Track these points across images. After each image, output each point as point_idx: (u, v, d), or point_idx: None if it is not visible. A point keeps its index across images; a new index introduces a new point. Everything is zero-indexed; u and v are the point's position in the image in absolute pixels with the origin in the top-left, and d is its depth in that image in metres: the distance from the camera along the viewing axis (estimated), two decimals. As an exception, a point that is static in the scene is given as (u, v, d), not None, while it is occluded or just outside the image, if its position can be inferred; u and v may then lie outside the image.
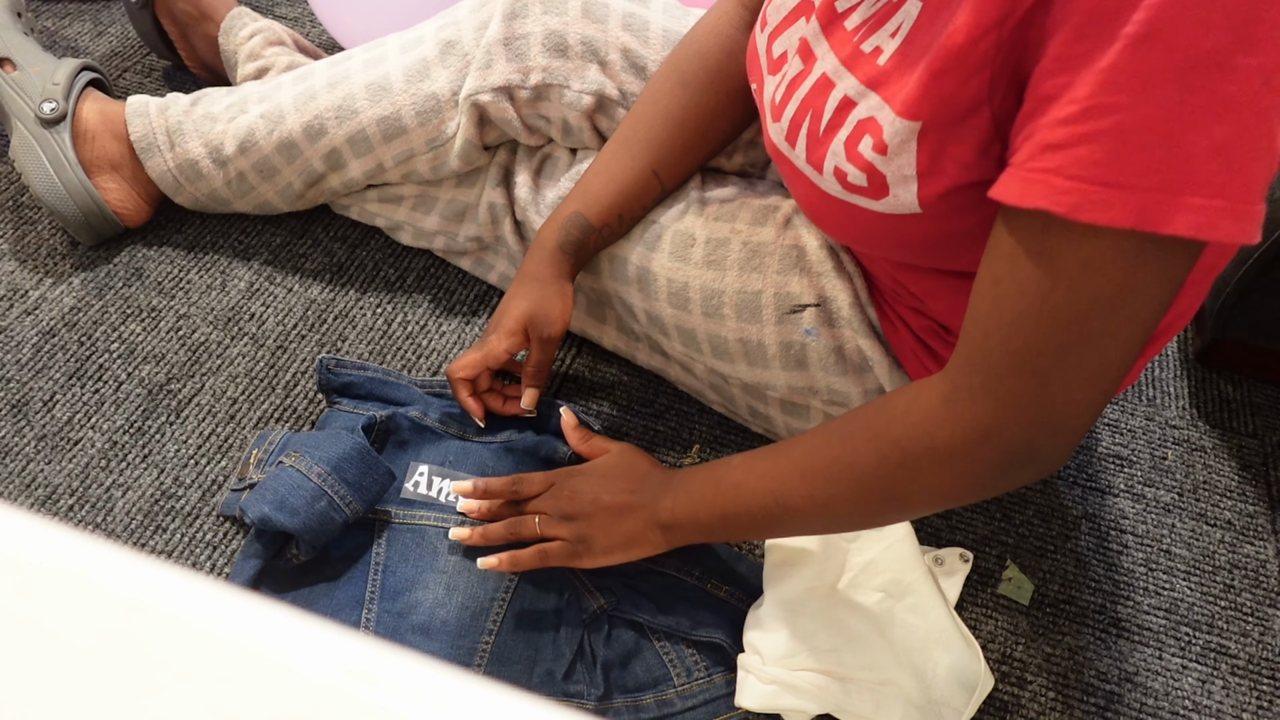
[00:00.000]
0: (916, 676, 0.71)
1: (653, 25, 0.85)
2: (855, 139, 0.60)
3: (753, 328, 0.78)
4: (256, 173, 0.94)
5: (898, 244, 0.65)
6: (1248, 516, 0.90)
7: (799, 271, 0.76)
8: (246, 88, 0.95)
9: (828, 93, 0.62)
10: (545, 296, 0.81)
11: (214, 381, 0.89)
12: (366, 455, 0.75)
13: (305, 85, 0.91)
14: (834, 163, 0.62)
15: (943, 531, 0.86)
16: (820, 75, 0.63)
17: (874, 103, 0.59)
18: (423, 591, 0.76)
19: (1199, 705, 0.77)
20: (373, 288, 0.98)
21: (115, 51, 1.20)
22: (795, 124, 0.65)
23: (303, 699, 0.20)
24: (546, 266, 0.81)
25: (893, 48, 0.59)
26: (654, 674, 0.74)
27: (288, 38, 1.07)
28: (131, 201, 0.97)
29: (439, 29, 0.88)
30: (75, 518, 0.80)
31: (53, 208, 0.93)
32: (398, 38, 0.91)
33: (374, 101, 0.88)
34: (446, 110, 0.87)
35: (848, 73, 0.61)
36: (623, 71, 0.84)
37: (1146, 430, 0.95)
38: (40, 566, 0.22)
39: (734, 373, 0.81)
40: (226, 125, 0.93)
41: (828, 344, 0.76)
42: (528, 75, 0.84)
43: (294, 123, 0.90)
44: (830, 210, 0.66)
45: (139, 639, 0.20)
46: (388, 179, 0.94)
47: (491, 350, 0.80)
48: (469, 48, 0.86)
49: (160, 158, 0.94)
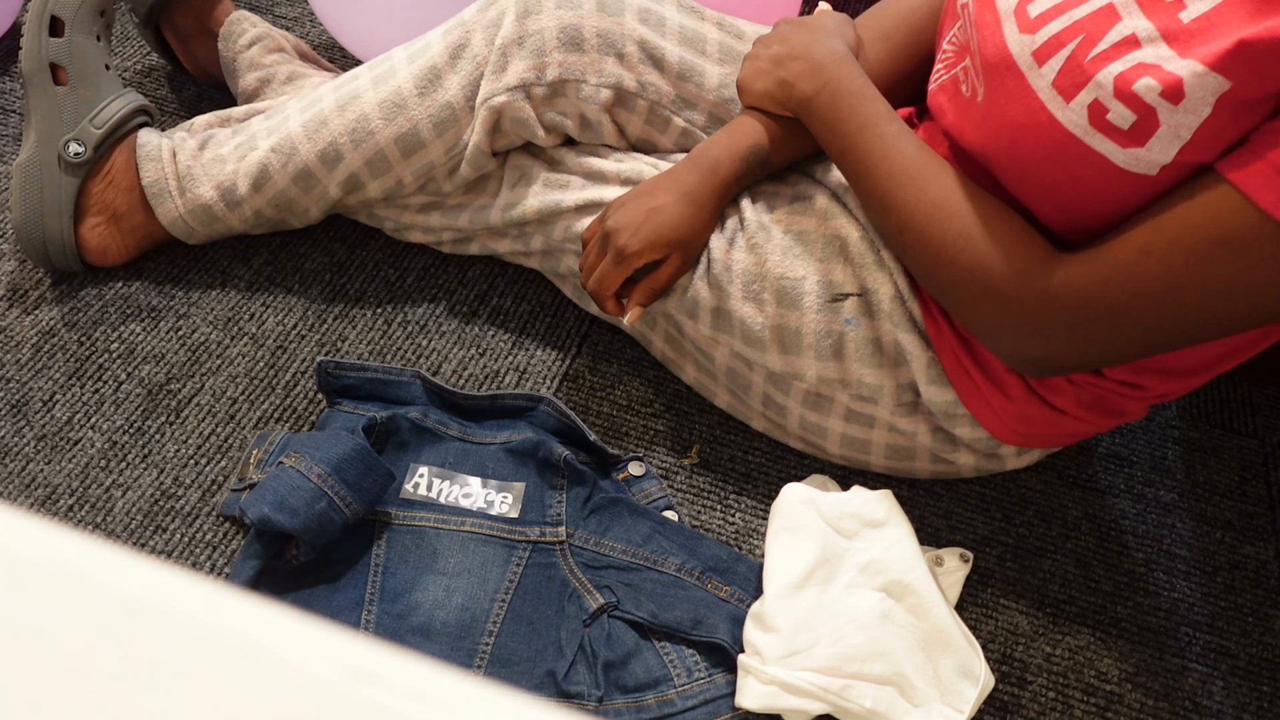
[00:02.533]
0: (916, 676, 0.71)
1: (669, 20, 0.85)
2: (1132, 77, 0.58)
3: (792, 314, 0.77)
4: (274, 207, 0.92)
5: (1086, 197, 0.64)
6: (1248, 516, 0.90)
7: (842, 260, 0.76)
8: (253, 123, 0.92)
9: (1112, 23, 0.60)
10: (701, 223, 0.79)
11: (214, 381, 0.89)
12: (367, 456, 0.75)
13: (314, 112, 0.88)
14: (1094, 94, 0.60)
15: (943, 531, 0.86)
16: (1106, 2, 0.61)
17: (1164, 53, 0.58)
18: (422, 593, 0.76)
19: (1199, 705, 0.77)
20: (373, 288, 0.98)
21: (114, 51, 1.19)
22: (1058, 42, 0.62)
23: (303, 699, 0.20)
24: (710, 195, 0.79)
25: (1202, 9, 0.58)
26: (654, 674, 0.74)
27: (288, 44, 1.06)
28: (111, 250, 0.93)
29: (445, 33, 0.86)
30: (75, 518, 0.80)
31: (23, 242, 0.89)
32: (403, 49, 0.89)
33: (389, 120, 0.86)
34: (463, 118, 0.86)
35: (1140, 13, 0.60)
36: (640, 64, 0.84)
37: (1146, 430, 0.95)
38: (40, 566, 0.22)
39: (762, 360, 0.80)
40: (237, 164, 0.90)
41: (866, 335, 0.76)
42: (543, 71, 0.83)
43: (307, 152, 0.88)
44: (1045, 143, 0.63)
45: (139, 639, 0.20)
46: (405, 193, 0.92)
47: (630, 264, 0.79)
48: (479, 49, 0.84)
49: (171, 204, 0.91)
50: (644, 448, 0.88)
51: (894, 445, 0.81)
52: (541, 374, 0.93)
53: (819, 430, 0.84)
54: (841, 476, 0.87)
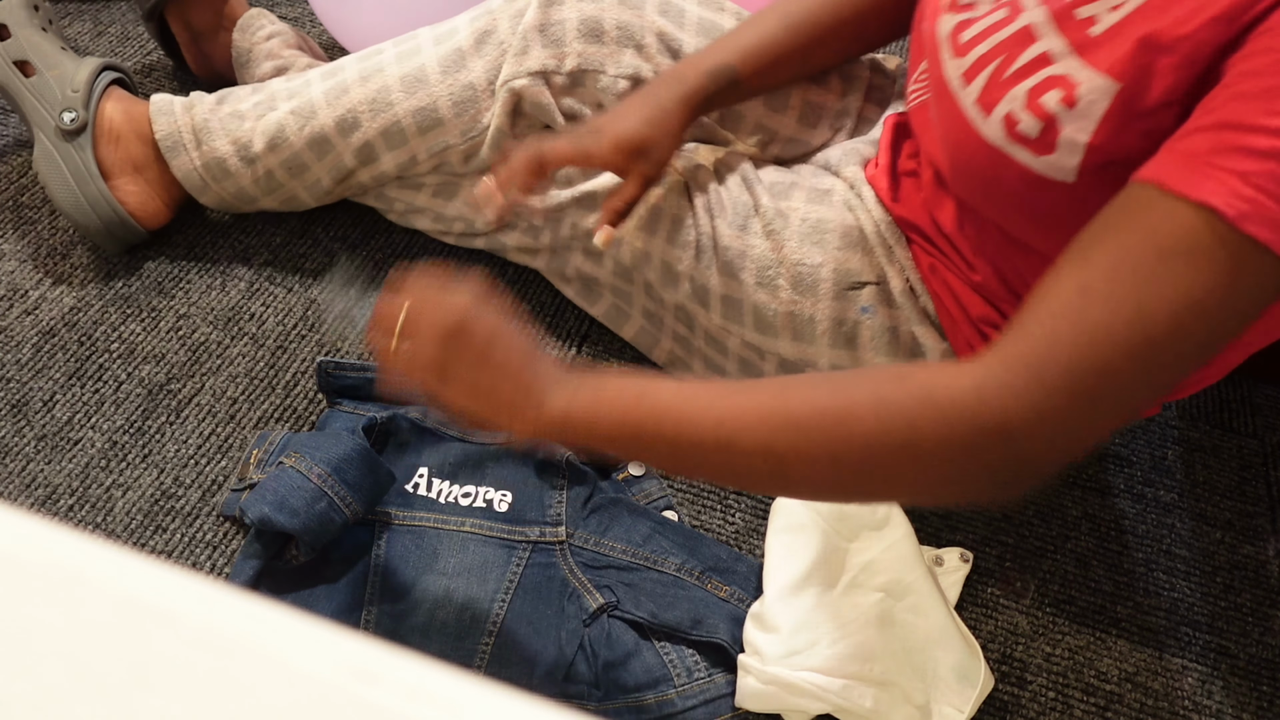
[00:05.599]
0: (916, 676, 0.71)
1: (688, 12, 0.86)
2: (1041, 90, 0.60)
3: (806, 301, 0.77)
4: (285, 170, 0.93)
5: (1024, 208, 0.64)
6: (1248, 516, 0.90)
7: (860, 250, 0.77)
8: (274, 84, 0.94)
9: (1027, 44, 0.62)
10: (665, 130, 0.77)
11: (214, 381, 0.89)
12: (367, 456, 0.75)
13: (337, 80, 0.90)
14: (1008, 108, 0.61)
15: (943, 531, 0.86)
16: (1024, 26, 0.63)
17: (1074, 64, 0.59)
18: (422, 593, 0.76)
19: (1199, 705, 0.77)
20: (373, 288, 0.98)
21: (114, 51, 1.20)
22: (981, 63, 0.64)
23: (303, 698, 0.20)
24: (676, 104, 0.77)
25: (1110, 21, 0.58)
26: (654, 674, 0.74)
27: (305, 44, 1.08)
28: (151, 205, 0.96)
29: (473, 19, 0.88)
30: (75, 518, 0.80)
31: (75, 220, 0.93)
32: (430, 30, 0.90)
33: (409, 93, 0.87)
34: (483, 100, 0.87)
35: (1056, 33, 0.61)
36: (659, 54, 0.84)
37: (1146, 430, 0.95)
38: (40, 566, 0.22)
39: (774, 348, 0.81)
40: (255, 123, 0.92)
41: (883, 323, 0.76)
42: (563, 61, 0.84)
43: (326, 117, 0.89)
44: (976, 158, 0.65)
45: (139, 639, 0.20)
46: (419, 171, 0.93)
47: (590, 154, 0.74)
48: (505, 36, 0.85)
49: (186, 156, 0.93)
50: (644, 448, 0.89)
51: None
52: (541, 374, 0.93)
53: None
54: (841, 476, 0.87)
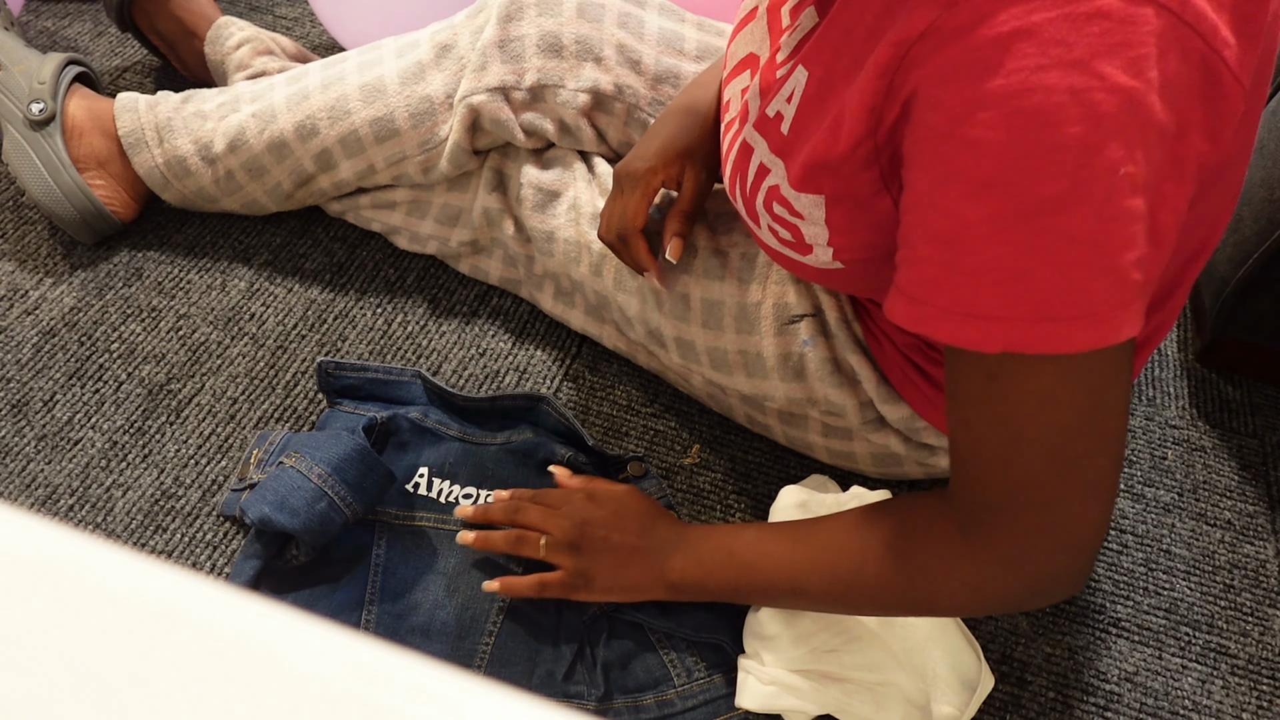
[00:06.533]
0: (916, 676, 0.71)
1: (648, 24, 0.86)
2: (770, 203, 0.62)
3: (752, 339, 0.77)
4: (245, 171, 0.93)
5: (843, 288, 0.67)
6: (1248, 516, 0.90)
7: (794, 282, 0.76)
8: (239, 87, 0.95)
9: (749, 156, 0.64)
10: (702, 130, 0.76)
11: (214, 381, 0.89)
12: (367, 456, 0.75)
13: (299, 86, 0.91)
14: (766, 220, 0.64)
15: (943, 531, 0.86)
16: (745, 139, 0.65)
17: (781, 172, 0.60)
18: (422, 593, 0.76)
19: (1199, 705, 0.77)
20: (373, 288, 0.98)
21: (114, 51, 1.20)
22: (733, 182, 0.67)
23: (303, 698, 0.20)
24: (705, 104, 0.76)
25: (790, 114, 0.59)
26: (654, 675, 0.74)
27: (277, 46, 1.06)
28: (120, 198, 0.97)
29: (434, 33, 0.88)
30: (75, 518, 0.80)
31: (49, 210, 0.93)
32: (393, 41, 0.91)
33: (368, 103, 0.88)
34: (440, 113, 0.87)
35: (761, 139, 0.62)
36: (618, 66, 0.84)
37: (1146, 430, 0.95)
38: (40, 566, 0.22)
39: (732, 384, 0.81)
40: (217, 123, 0.93)
41: (824, 354, 0.76)
42: (522, 76, 0.84)
43: (285, 122, 0.90)
44: (777, 256, 0.67)
45: (139, 639, 0.20)
46: (378, 181, 0.93)
47: (647, 182, 0.74)
48: (464, 51, 0.86)
49: (148, 153, 0.94)
50: (644, 448, 0.89)
51: (876, 454, 0.81)
52: (541, 374, 0.93)
53: (804, 444, 0.84)
54: (841, 476, 0.87)
